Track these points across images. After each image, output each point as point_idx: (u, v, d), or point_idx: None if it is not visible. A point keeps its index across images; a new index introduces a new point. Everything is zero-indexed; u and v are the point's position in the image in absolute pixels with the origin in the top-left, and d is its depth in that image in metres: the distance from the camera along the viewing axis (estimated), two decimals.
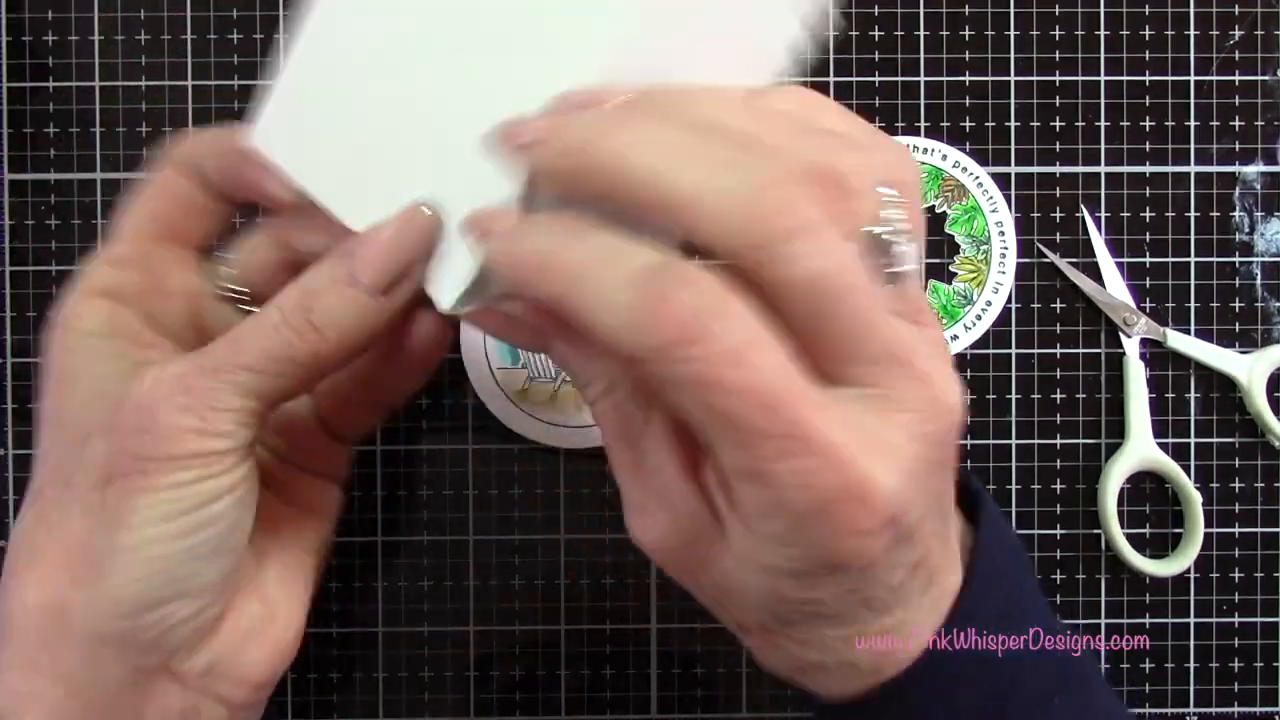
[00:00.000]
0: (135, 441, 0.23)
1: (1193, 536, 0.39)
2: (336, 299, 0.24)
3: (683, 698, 0.40)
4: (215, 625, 0.26)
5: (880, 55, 0.40)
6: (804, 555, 0.20)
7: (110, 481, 0.24)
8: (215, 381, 0.24)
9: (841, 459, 0.19)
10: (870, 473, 0.19)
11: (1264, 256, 0.40)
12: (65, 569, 0.24)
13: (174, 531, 0.24)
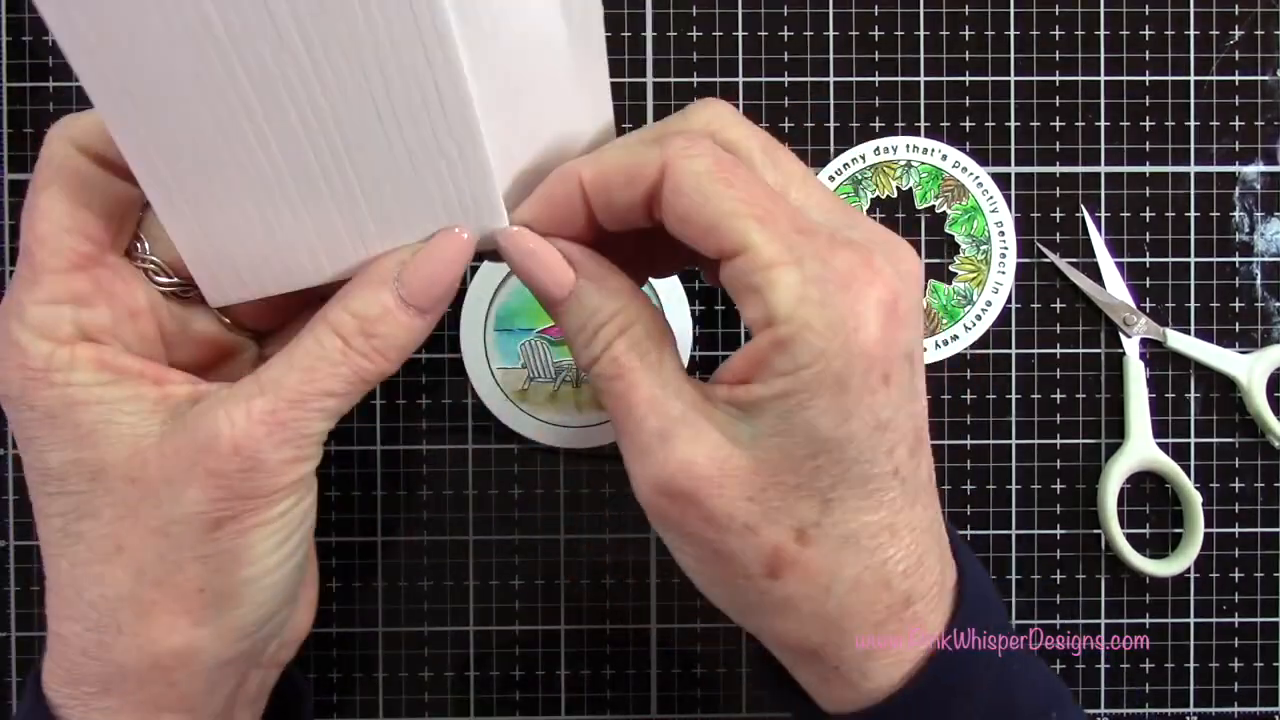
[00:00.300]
0: (243, 483, 0.24)
1: (1193, 536, 0.39)
2: (394, 326, 0.25)
3: (683, 698, 0.40)
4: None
5: (880, 55, 0.40)
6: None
7: (220, 526, 0.24)
8: (305, 412, 0.25)
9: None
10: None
11: (1264, 256, 0.40)
12: (185, 614, 0.25)
13: (286, 554, 0.26)
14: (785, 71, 0.39)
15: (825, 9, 0.39)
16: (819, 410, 0.23)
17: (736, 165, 0.24)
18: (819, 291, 0.22)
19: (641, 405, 0.25)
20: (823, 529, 0.24)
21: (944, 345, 0.39)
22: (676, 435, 0.24)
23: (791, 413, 0.23)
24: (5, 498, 0.39)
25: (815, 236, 0.23)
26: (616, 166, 0.25)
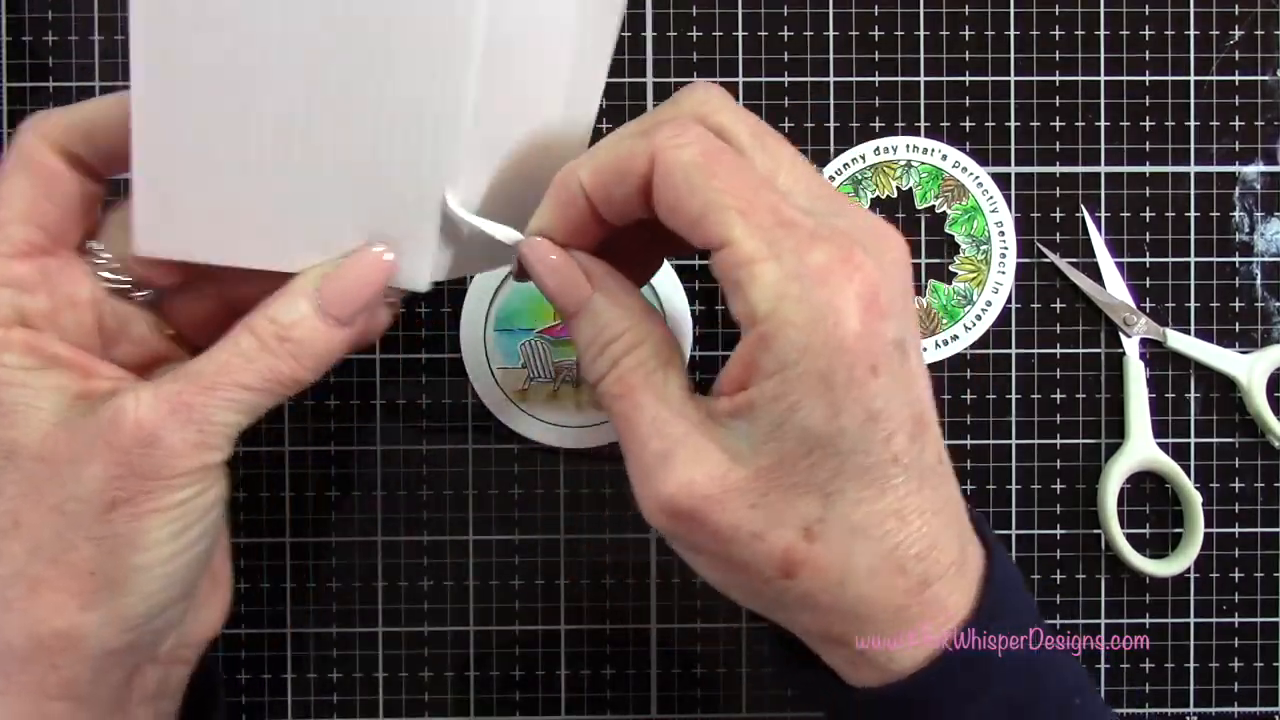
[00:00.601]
0: (140, 462, 0.24)
1: (1193, 536, 0.39)
2: (310, 333, 0.26)
3: (683, 698, 0.40)
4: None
5: (880, 55, 0.40)
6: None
7: (115, 507, 0.24)
8: (212, 399, 0.25)
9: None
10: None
11: (1264, 256, 0.40)
12: (74, 595, 0.25)
13: (183, 546, 0.25)
14: (785, 71, 0.39)
15: (825, 9, 0.39)
16: (808, 409, 0.23)
17: (722, 152, 0.24)
18: (798, 287, 0.23)
19: (644, 425, 0.25)
20: (828, 523, 0.24)
21: (944, 345, 0.39)
22: (676, 456, 0.24)
23: (782, 417, 0.23)
24: None
25: (796, 229, 0.23)
26: (610, 162, 0.25)
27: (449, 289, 0.39)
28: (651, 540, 0.40)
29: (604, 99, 0.39)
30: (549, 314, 0.39)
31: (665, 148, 0.24)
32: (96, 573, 0.24)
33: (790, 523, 0.24)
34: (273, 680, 0.39)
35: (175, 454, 0.24)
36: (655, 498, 0.25)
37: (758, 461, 0.24)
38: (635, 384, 0.25)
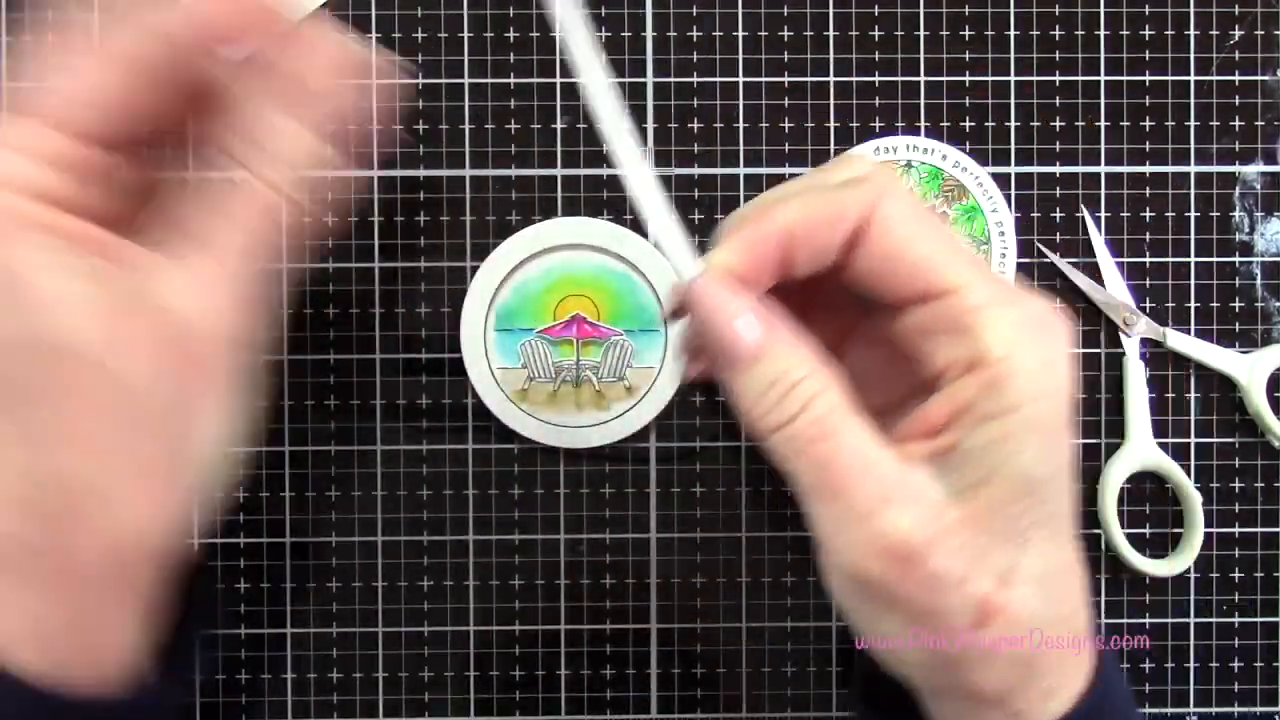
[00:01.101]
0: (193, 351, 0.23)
1: (1193, 536, 0.39)
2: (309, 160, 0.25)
3: (683, 698, 0.40)
4: None
5: (880, 55, 0.40)
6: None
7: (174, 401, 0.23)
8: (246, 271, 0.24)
9: None
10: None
11: (1264, 256, 0.40)
12: (146, 501, 0.23)
13: (229, 428, 0.25)
14: (785, 71, 0.39)
15: (825, 9, 0.39)
16: (1031, 454, 0.23)
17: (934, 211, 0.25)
18: (1030, 334, 0.23)
19: (855, 468, 0.23)
20: (1019, 571, 0.23)
21: None
22: (895, 498, 0.23)
23: (1004, 460, 0.23)
24: None
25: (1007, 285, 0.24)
26: (820, 210, 0.24)
27: (449, 289, 0.39)
28: (651, 540, 0.40)
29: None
30: (549, 314, 0.39)
31: (886, 195, 0.24)
32: (162, 473, 0.23)
33: (989, 569, 0.23)
34: (273, 680, 0.39)
35: (222, 337, 0.23)
36: (875, 542, 0.23)
37: (967, 508, 0.23)
38: (836, 425, 0.24)
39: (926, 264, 0.23)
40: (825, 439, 0.24)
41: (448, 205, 0.39)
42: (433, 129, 0.39)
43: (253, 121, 0.24)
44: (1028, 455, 0.23)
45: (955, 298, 0.23)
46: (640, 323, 0.39)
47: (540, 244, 0.39)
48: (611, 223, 0.39)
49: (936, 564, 0.23)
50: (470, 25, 0.39)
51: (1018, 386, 0.23)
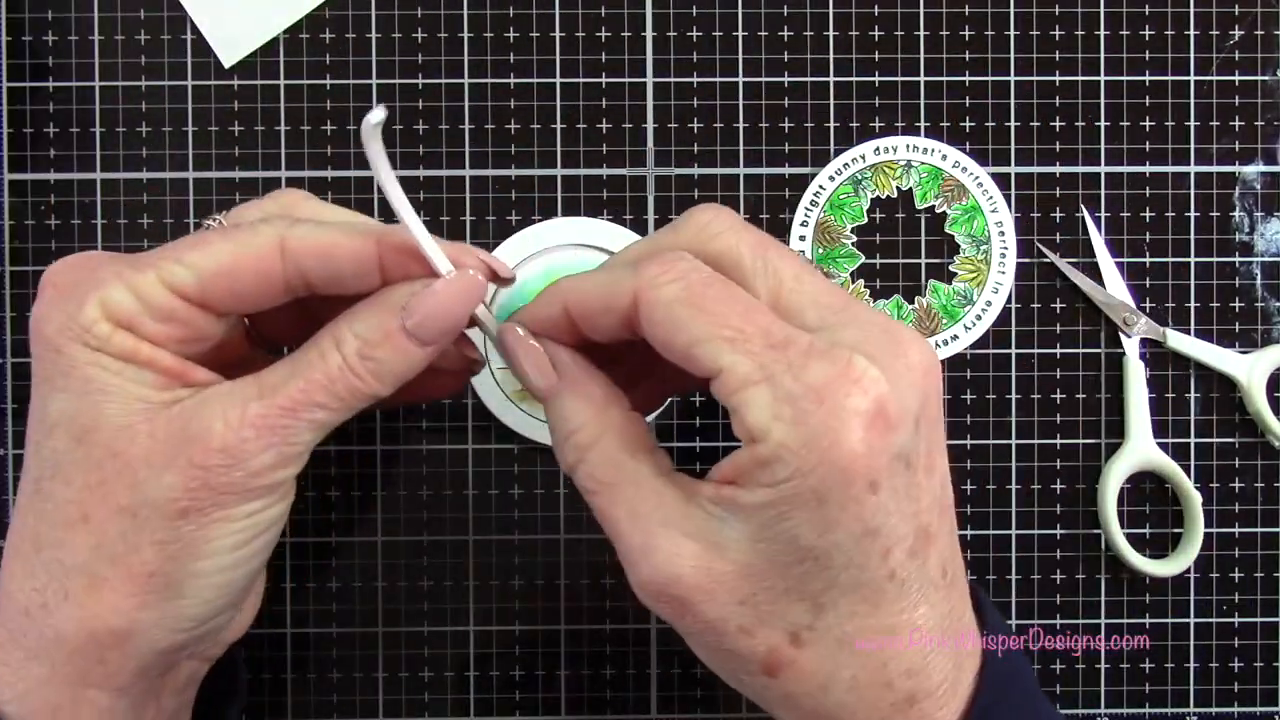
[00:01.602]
0: (218, 478, 0.24)
1: (1193, 536, 0.39)
2: (393, 352, 0.26)
3: (683, 698, 0.40)
4: None
5: (880, 55, 0.40)
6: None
7: (185, 515, 0.25)
8: (293, 420, 0.25)
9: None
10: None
11: (1264, 256, 0.40)
12: (132, 595, 0.25)
13: (244, 555, 0.26)
14: (785, 71, 0.39)
15: (825, 9, 0.39)
16: (799, 521, 0.23)
17: (708, 285, 0.24)
18: (791, 409, 0.23)
19: (622, 520, 0.25)
20: (816, 631, 0.24)
21: (944, 345, 0.39)
22: (658, 548, 0.24)
23: (773, 522, 0.23)
24: (5, 497, 0.39)
25: (790, 348, 0.23)
26: (595, 294, 0.26)
27: None
28: None
29: (604, 99, 0.39)
30: None
31: (647, 288, 0.25)
32: (157, 575, 0.25)
33: (778, 625, 0.24)
34: (273, 680, 0.39)
35: (255, 474, 0.25)
36: (644, 585, 0.25)
37: (747, 559, 0.24)
38: (606, 479, 0.25)
39: (689, 351, 0.24)
40: (597, 492, 0.26)
41: (448, 205, 0.39)
42: (433, 129, 0.39)
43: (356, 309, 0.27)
44: (794, 523, 0.23)
45: (720, 380, 0.24)
46: None
47: (540, 244, 0.39)
48: (610, 222, 0.39)
49: (707, 611, 0.24)
50: (470, 25, 0.39)
51: (779, 464, 0.23)
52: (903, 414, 0.23)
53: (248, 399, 0.25)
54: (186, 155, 0.39)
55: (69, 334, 0.24)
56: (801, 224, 0.39)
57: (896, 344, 0.24)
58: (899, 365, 0.24)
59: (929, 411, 0.25)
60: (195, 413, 0.25)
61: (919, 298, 0.40)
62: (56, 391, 0.25)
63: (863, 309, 0.25)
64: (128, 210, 0.39)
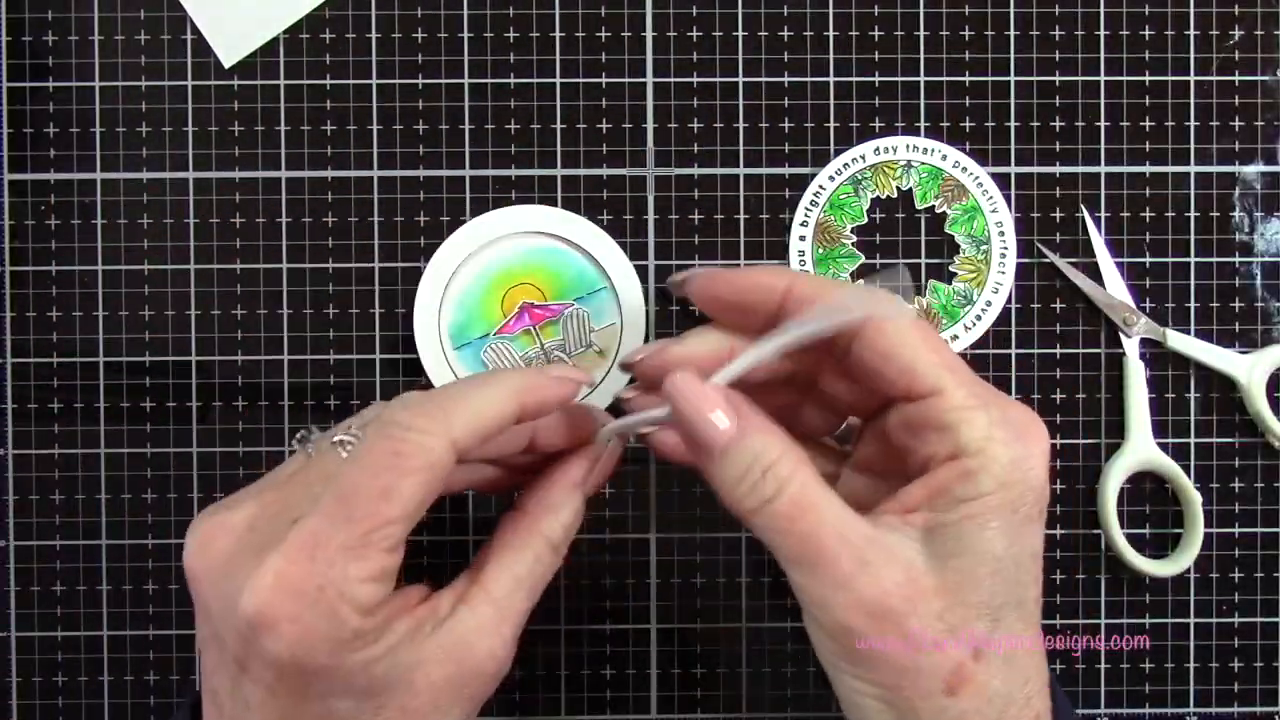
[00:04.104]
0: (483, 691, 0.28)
1: (1193, 536, 0.39)
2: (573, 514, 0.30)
3: (683, 698, 0.40)
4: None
5: (880, 55, 0.40)
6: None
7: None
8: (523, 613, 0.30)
9: None
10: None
11: (1264, 256, 0.40)
12: None
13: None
14: (785, 71, 0.39)
15: (825, 9, 0.39)
16: (995, 530, 0.26)
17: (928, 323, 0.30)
18: (1003, 433, 0.26)
19: (833, 539, 0.26)
20: (992, 646, 0.26)
21: None
22: (873, 561, 0.26)
23: (969, 534, 0.26)
24: (5, 498, 0.39)
25: (989, 391, 0.28)
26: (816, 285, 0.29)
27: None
28: (651, 540, 0.40)
29: (604, 99, 0.39)
30: (497, 313, 0.39)
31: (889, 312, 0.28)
32: None
33: (965, 639, 0.26)
34: None
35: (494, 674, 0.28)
36: (858, 603, 0.26)
37: (941, 574, 0.26)
38: (813, 501, 0.26)
39: (914, 368, 0.27)
40: (803, 516, 0.26)
41: (447, 205, 0.39)
42: (433, 129, 0.39)
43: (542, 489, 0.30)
44: (992, 533, 0.26)
45: (939, 399, 0.27)
46: (585, 287, 0.39)
47: (464, 250, 0.39)
48: (520, 205, 0.39)
49: (913, 624, 0.26)
50: (470, 25, 0.39)
51: (989, 475, 0.26)
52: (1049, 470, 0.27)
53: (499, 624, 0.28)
54: (186, 155, 0.39)
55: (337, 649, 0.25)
56: (801, 224, 0.39)
57: (1039, 420, 0.28)
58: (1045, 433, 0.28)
59: None
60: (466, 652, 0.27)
61: (919, 298, 0.40)
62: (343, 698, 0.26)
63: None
64: (128, 210, 0.39)
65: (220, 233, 0.39)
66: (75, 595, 0.39)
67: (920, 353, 0.27)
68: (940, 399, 0.27)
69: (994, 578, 0.26)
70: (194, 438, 0.39)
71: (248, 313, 0.39)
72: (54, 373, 0.39)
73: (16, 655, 0.39)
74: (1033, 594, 0.27)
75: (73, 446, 0.39)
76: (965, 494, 0.26)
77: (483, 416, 0.27)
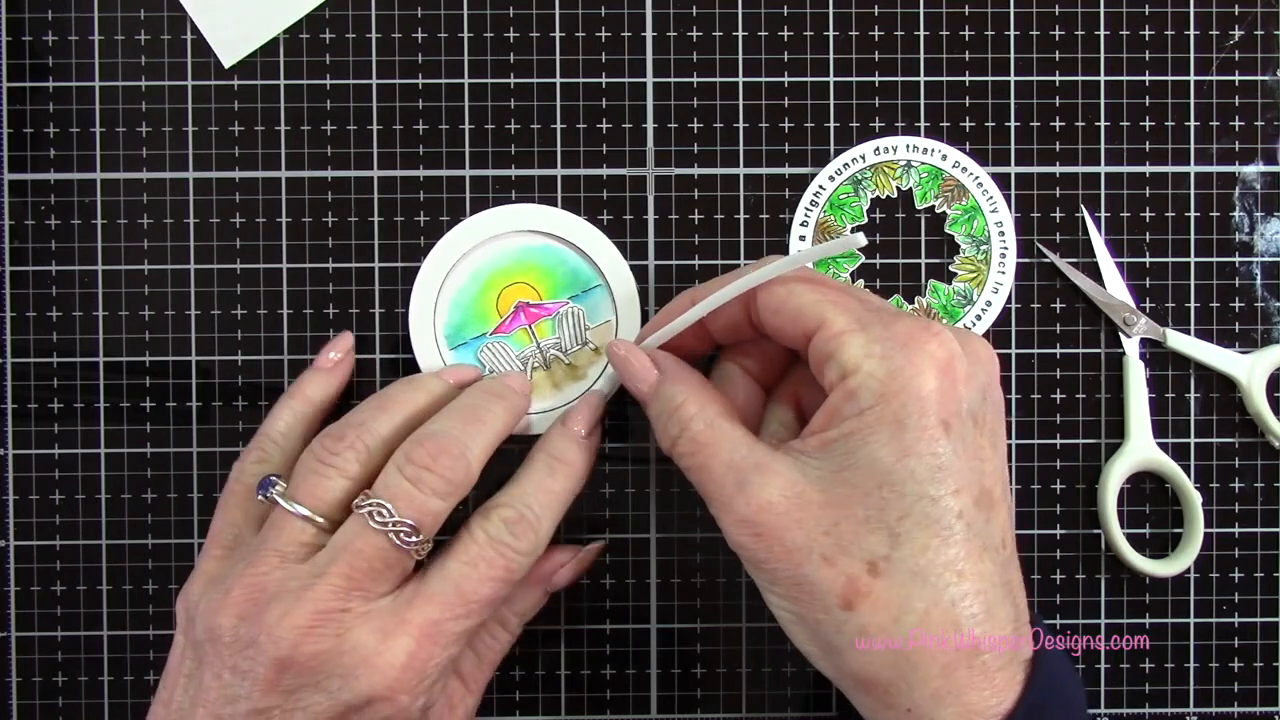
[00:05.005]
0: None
1: (1193, 536, 0.39)
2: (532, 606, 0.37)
3: (683, 698, 0.40)
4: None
5: (880, 55, 0.40)
6: None
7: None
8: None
9: None
10: None
11: (1264, 256, 0.40)
12: None
13: None
14: (785, 71, 0.39)
15: (825, 9, 0.39)
16: (879, 443, 0.26)
17: (815, 273, 0.30)
18: (880, 348, 0.27)
19: (720, 468, 0.29)
20: (892, 562, 0.26)
21: None
22: (752, 481, 0.28)
23: (856, 448, 0.26)
24: (5, 498, 0.39)
25: (883, 311, 0.28)
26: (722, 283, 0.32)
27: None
28: (651, 540, 0.40)
29: (604, 99, 0.39)
30: (493, 313, 0.39)
31: (773, 270, 0.30)
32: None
33: (857, 555, 0.26)
34: None
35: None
36: (739, 519, 0.28)
37: (829, 489, 0.27)
38: (705, 439, 0.29)
39: (799, 311, 0.29)
40: (700, 450, 0.30)
41: (447, 205, 0.39)
42: (433, 129, 0.39)
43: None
44: (875, 445, 0.26)
45: (823, 330, 0.28)
46: (580, 285, 0.39)
47: (457, 251, 0.38)
48: (514, 204, 0.39)
49: (794, 537, 0.27)
50: (470, 25, 0.39)
51: (867, 390, 0.27)
52: (970, 377, 0.27)
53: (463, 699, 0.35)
54: (186, 155, 0.39)
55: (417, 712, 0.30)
56: (801, 224, 0.39)
57: (967, 334, 0.29)
58: (969, 347, 0.28)
59: (993, 394, 0.29)
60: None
61: (919, 298, 0.40)
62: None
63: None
64: (128, 210, 0.39)
65: (220, 233, 0.39)
66: (75, 595, 0.39)
67: (803, 295, 0.29)
68: (823, 330, 0.28)
69: (884, 490, 0.26)
70: (194, 438, 0.39)
71: (248, 313, 0.39)
72: (54, 373, 0.39)
73: (16, 655, 0.39)
74: (949, 509, 0.26)
75: (73, 446, 0.39)
76: (849, 411, 0.27)
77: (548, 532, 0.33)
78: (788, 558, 0.27)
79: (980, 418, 0.28)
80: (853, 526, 0.26)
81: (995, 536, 0.28)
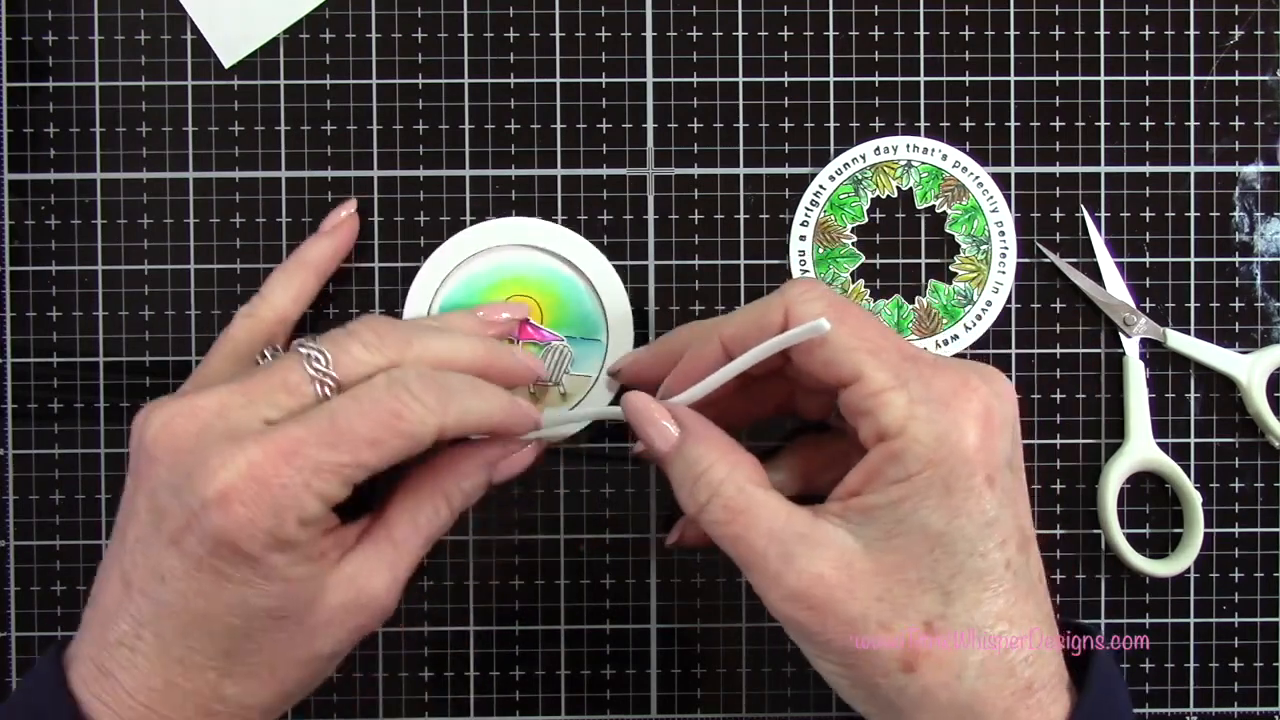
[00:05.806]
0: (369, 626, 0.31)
1: (1193, 536, 0.39)
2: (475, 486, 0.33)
3: (683, 698, 0.40)
4: None
5: (880, 55, 0.40)
6: None
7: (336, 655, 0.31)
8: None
9: None
10: None
11: (1264, 256, 0.40)
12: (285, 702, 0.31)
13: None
14: (785, 71, 0.39)
15: (825, 9, 0.39)
16: (930, 509, 0.26)
17: (848, 304, 0.28)
18: (924, 410, 0.26)
19: (761, 540, 0.27)
20: (947, 619, 0.26)
21: (944, 345, 0.39)
22: (798, 554, 0.27)
23: (905, 515, 0.26)
24: (5, 498, 0.39)
25: (919, 362, 0.27)
26: (749, 319, 0.29)
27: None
28: (651, 541, 0.40)
29: (604, 99, 0.39)
30: None
31: (796, 302, 0.28)
32: (295, 693, 0.30)
33: (913, 617, 0.26)
34: None
35: (387, 607, 0.30)
36: (788, 595, 0.27)
37: (879, 556, 0.26)
38: (740, 505, 0.28)
39: (833, 358, 0.28)
40: (734, 519, 0.28)
41: (447, 205, 0.39)
42: (433, 129, 0.39)
43: (457, 455, 0.32)
44: (926, 511, 0.26)
45: (859, 385, 0.27)
46: (583, 330, 0.39)
47: (489, 241, 0.38)
48: (565, 227, 0.39)
49: (849, 609, 0.26)
50: (470, 25, 0.39)
51: (913, 456, 0.26)
52: (1004, 423, 0.27)
53: (394, 566, 0.30)
54: (186, 155, 0.39)
55: (269, 545, 0.26)
56: (801, 224, 0.39)
57: (991, 372, 0.28)
58: (993, 386, 0.27)
59: (1018, 432, 0.28)
60: (363, 589, 0.29)
61: (919, 298, 0.40)
62: (261, 598, 0.27)
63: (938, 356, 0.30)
64: (128, 210, 0.39)
65: (220, 233, 0.39)
66: (75, 595, 0.39)
67: (839, 343, 0.28)
68: (860, 385, 0.27)
69: (936, 552, 0.26)
70: None
71: None
72: (54, 373, 0.39)
73: (16, 655, 0.39)
74: (997, 561, 0.26)
75: (73, 446, 0.39)
76: (895, 475, 0.26)
77: (471, 423, 0.29)
78: (843, 630, 0.27)
79: (1014, 463, 0.28)
80: (905, 590, 0.26)
81: (1034, 573, 0.28)
